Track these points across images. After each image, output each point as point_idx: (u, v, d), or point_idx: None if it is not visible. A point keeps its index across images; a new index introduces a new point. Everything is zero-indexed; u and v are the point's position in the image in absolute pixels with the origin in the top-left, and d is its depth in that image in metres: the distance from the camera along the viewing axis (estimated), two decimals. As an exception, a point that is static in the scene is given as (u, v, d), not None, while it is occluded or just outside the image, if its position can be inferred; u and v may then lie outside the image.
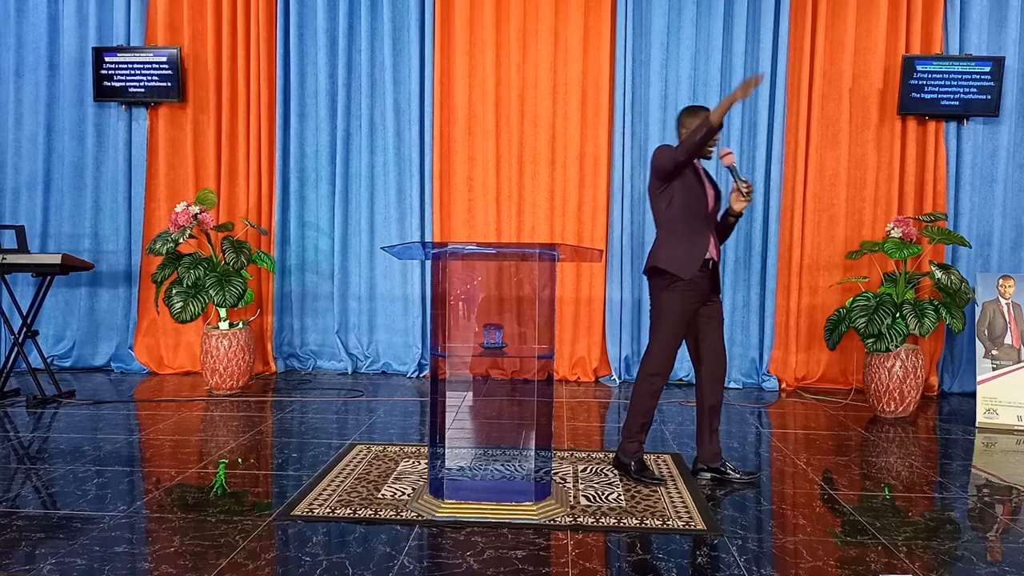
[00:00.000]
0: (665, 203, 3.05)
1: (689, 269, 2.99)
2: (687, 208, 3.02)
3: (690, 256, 3.00)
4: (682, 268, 2.99)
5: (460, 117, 5.36)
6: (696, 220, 3.04)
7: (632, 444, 3.16)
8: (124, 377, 5.34)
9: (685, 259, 3.00)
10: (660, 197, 3.07)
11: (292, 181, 5.49)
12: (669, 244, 3.04)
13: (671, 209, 3.04)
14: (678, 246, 3.02)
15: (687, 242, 3.01)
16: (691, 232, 3.02)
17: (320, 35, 5.40)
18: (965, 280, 4.56)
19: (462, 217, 5.41)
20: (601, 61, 5.26)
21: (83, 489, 2.93)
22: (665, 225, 3.08)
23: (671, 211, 3.04)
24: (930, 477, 3.33)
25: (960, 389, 5.21)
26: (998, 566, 2.38)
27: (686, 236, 3.02)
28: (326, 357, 5.63)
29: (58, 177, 5.55)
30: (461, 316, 2.87)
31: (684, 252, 3.01)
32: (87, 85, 5.48)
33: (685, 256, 3.00)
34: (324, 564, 2.29)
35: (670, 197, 3.04)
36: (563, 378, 5.38)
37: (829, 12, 5.13)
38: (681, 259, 3.00)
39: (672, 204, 3.03)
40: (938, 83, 5.00)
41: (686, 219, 3.03)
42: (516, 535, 2.54)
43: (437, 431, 2.84)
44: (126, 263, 5.54)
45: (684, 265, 2.99)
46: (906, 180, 5.16)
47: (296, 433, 3.88)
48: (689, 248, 3.01)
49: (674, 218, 3.04)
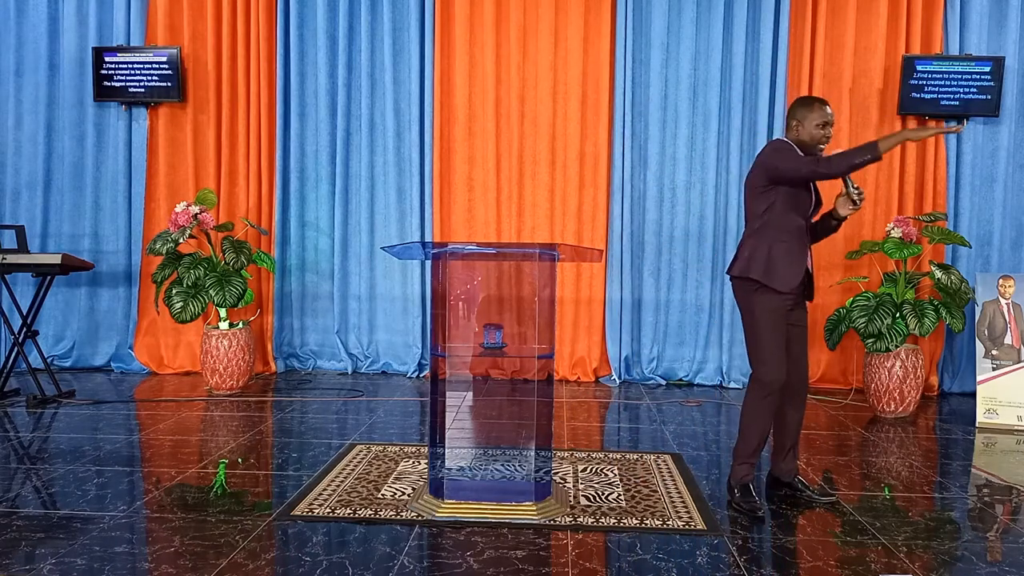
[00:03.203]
0: (765, 205, 2.80)
1: (789, 283, 2.77)
2: (789, 215, 2.79)
3: (790, 270, 2.78)
4: (781, 282, 2.77)
5: (460, 117, 5.36)
6: (797, 228, 2.81)
7: (742, 467, 2.87)
8: (124, 377, 5.34)
9: (784, 273, 2.77)
10: (760, 197, 2.81)
11: (292, 181, 5.49)
12: (764, 252, 2.79)
13: (771, 213, 2.79)
14: (776, 257, 2.77)
15: (786, 254, 2.78)
16: (791, 242, 2.79)
17: (320, 35, 5.39)
18: (965, 280, 4.56)
19: (462, 217, 5.41)
20: (601, 61, 5.26)
21: (83, 489, 2.93)
22: (760, 230, 2.82)
23: (770, 215, 2.79)
24: (930, 477, 3.33)
25: (960, 389, 5.21)
26: (998, 566, 2.38)
27: (786, 247, 2.78)
28: (326, 357, 5.62)
29: (58, 177, 5.55)
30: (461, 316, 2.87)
31: (784, 265, 2.77)
32: (87, 85, 5.48)
33: (784, 270, 2.77)
34: (324, 564, 2.29)
35: (772, 200, 2.78)
36: (563, 378, 5.38)
37: (829, 12, 5.13)
38: (782, 272, 2.77)
39: (773, 208, 2.78)
40: (938, 83, 5.00)
41: (787, 227, 2.79)
42: (516, 535, 2.54)
43: (437, 431, 2.84)
44: (126, 263, 5.54)
45: (784, 280, 2.77)
46: (906, 180, 5.15)
47: (296, 433, 3.88)
48: (788, 260, 2.78)
49: (773, 224, 2.79)
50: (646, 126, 5.30)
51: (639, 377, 5.38)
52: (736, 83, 5.19)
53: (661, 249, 5.34)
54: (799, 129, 2.80)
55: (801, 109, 2.80)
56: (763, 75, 5.15)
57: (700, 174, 5.28)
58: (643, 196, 5.33)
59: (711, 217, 5.27)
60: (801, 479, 3.00)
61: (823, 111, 2.77)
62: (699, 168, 5.27)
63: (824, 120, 2.76)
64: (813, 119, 2.77)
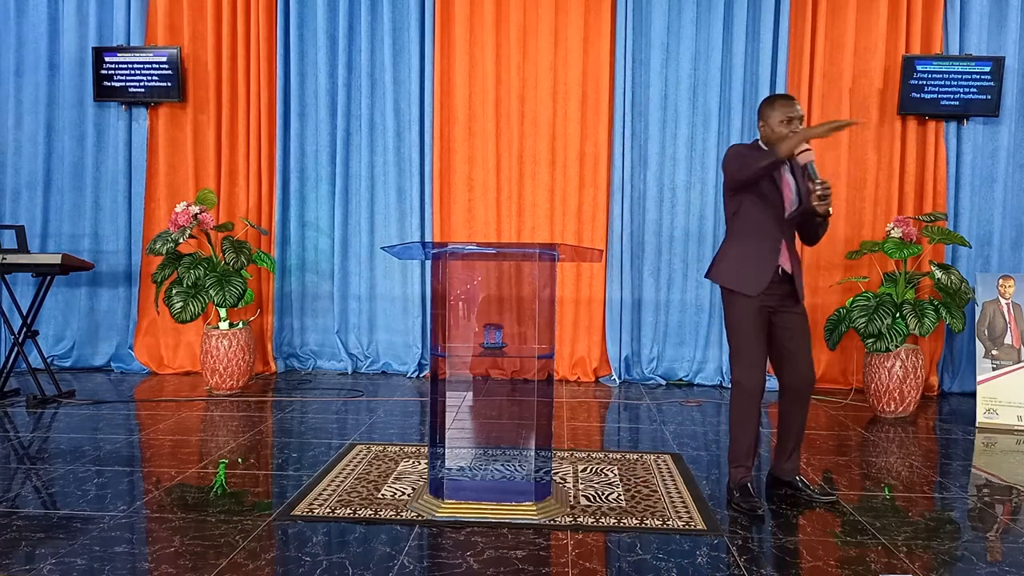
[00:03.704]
0: (733, 209, 2.85)
1: (754, 286, 2.77)
2: (757, 217, 2.80)
3: (755, 273, 2.78)
4: (746, 285, 2.78)
5: (460, 117, 5.36)
6: (767, 229, 2.80)
7: (738, 471, 2.87)
8: (124, 377, 5.34)
9: (750, 276, 2.78)
10: (729, 202, 2.86)
11: (292, 181, 5.49)
12: (733, 256, 2.83)
13: (738, 216, 2.83)
14: (743, 260, 2.80)
15: (753, 256, 2.79)
16: (759, 243, 2.79)
17: (320, 35, 5.39)
18: (965, 280, 4.56)
19: (462, 217, 5.41)
20: (601, 61, 5.26)
21: (83, 489, 2.93)
22: (730, 233, 2.88)
23: (738, 218, 2.83)
24: (930, 477, 3.33)
25: (960, 389, 5.21)
26: (998, 566, 2.38)
27: (753, 249, 2.80)
28: (326, 357, 5.62)
29: (58, 177, 5.55)
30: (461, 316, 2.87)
31: (749, 268, 2.79)
32: (87, 85, 5.48)
33: (749, 273, 2.78)
34: (324, 564, 2.29)
35: (739, 202, 2.82)
36: (563, 378, 5.38)
37: (829, 12, 5.13)
38: (744, 276, 2.79)
39: (740, 211, 2.82)
40: (938, 83, 5.00)
41: (755, 229, 2.80)
42: (516, 535, 2.54)
43: (437, 431, 2.84)
44: (126, 263, 5.54)
45: (748, 283, 2.78)
46: (906, 180, 5.15)
47: (296, 433, 3.88)
48: (754, 264, 2.78)
49: (741, 228, 2.83)
50: (646, 126, 5.30)
51: (639, 377, 5.38)
52: (736, 83, 5.19)
53: (661, 249, 5.34)
54: (764, 128, 2.84)
55: (765, 108, 2.84)
56: (763, 75, 5.15)
57: (700, 174, 5.28)
58: (643, 196, 5.33)
59: (711, 217, 5.27)
60: (802, 478, 2.99)
61: (785, 107, 2.78)
62: (699, 168, 5.28)
63: (787, 116, 2.76)
64: (776, 116, 2.78)
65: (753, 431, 2.85)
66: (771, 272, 2.79)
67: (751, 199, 2.80)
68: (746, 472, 2.87)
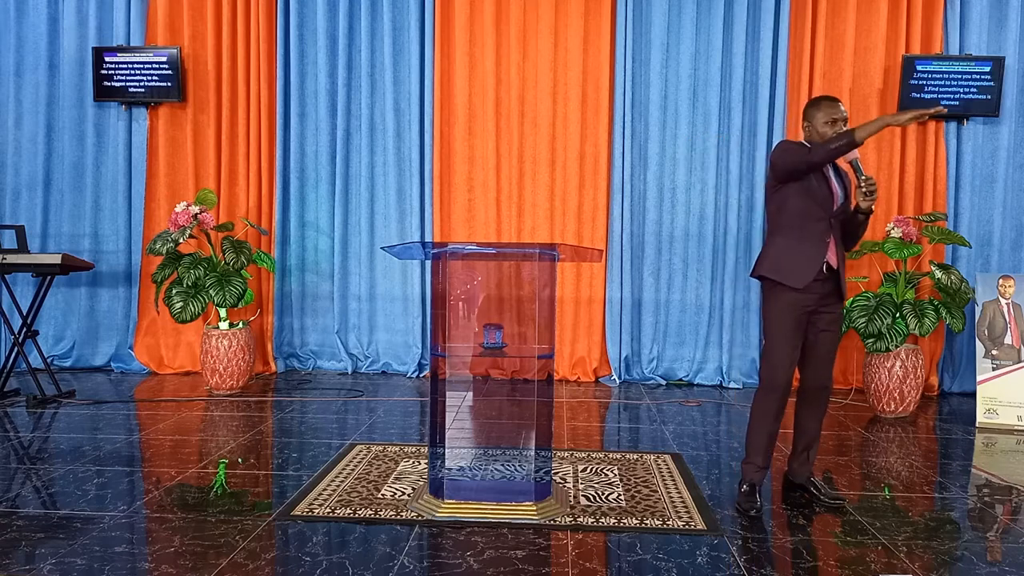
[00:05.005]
0: (776, 205, 2.82)
1: (799, 279, 2.74)
2: (803, 212, 2.77)
3: (802, 265, 2.75)
4: (791, 277, 2.74)
5: (460, 117, 5.36)
6: (813, 224, 2.77)
7: (748, 467, 2.87)
8: (124, 377, 5.34)
9: (796, 268, 2.75)
10: (773, 198, 2.84)
11: (292, 181, 5.49)
12: (779, 250, 2.80)
13: (784, 211, 2.80)
14: (789, 254, 2.77)
15: (798, 250, 2.76)
16: (805, 238, 2.77)
17: (320, 35, 5.39)
18: (965, 280, 4.56)
19: (462, 217, 5.41)
20: (601, 61, 5.26)
21: (83, 489, 2.93)
22: (774, 230, 2.85)
23: (784, 214, 2.80)
24: (930, 477, 3.33)
25: (960, 389, 5.21)
26: (998, 566, 2.38)
27: (798, 243, 2.77)
28: (326, 357, 5.62)
29: (58, 177, 5.55)
30: (461, 316, 2.87)
31: (795, 261, 2.76)
32: (87, 85, 5.48)
33: (796, 265, 2.75)
34: (324, 564, 2.29)
35: (784, 198, 2.79)
36: (563, 378, 5.38)
37: (829, 12, 5.13)
38: (791, 269, 2.75)
39: (786, 206, 2.79)
40: (938, 83, 5.00)
41: (801, 224, 2.77)
42: (516, 535, 2.54)
43: (437, 431, 2.84)
44: (126, 263, 5.54)
45: (793, 275, 2.74)
46: (906, 180, 5.15)
47: (296, 433, 3.88)
48: (801, 256, 2.75)
49: (786, 223, 2.80)
50: (646, 126, 5.30)
51: (639, 377, 5.38)
52: (736, 83, 5.19)
53: (661, 249, 5.34)
54: (810, 130, 2.85)
55: (809, 110, 2.86)
56: (763, 75, 5.15)
57: (700, 174, 5.28)
58: (643, 196, 5.33)
59: (711, 217, 5.27)
60: (815, 481, 2.97)
61: (830, 108, 2.80)
62: (699, 168, 5.28)
63: (832, 117, 2.78)
64: (820, 118, 2.80)
65: (768, 429, 2.83)
66: (818, 266, 2.76)
67: (797, 194, 2.77)
68: (756, 471, 2.86)
